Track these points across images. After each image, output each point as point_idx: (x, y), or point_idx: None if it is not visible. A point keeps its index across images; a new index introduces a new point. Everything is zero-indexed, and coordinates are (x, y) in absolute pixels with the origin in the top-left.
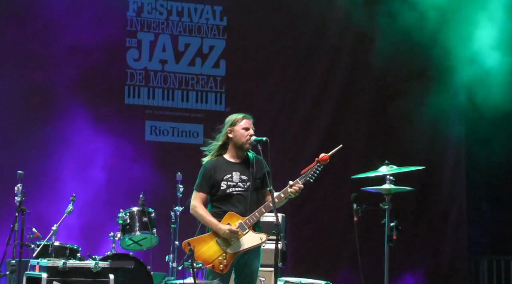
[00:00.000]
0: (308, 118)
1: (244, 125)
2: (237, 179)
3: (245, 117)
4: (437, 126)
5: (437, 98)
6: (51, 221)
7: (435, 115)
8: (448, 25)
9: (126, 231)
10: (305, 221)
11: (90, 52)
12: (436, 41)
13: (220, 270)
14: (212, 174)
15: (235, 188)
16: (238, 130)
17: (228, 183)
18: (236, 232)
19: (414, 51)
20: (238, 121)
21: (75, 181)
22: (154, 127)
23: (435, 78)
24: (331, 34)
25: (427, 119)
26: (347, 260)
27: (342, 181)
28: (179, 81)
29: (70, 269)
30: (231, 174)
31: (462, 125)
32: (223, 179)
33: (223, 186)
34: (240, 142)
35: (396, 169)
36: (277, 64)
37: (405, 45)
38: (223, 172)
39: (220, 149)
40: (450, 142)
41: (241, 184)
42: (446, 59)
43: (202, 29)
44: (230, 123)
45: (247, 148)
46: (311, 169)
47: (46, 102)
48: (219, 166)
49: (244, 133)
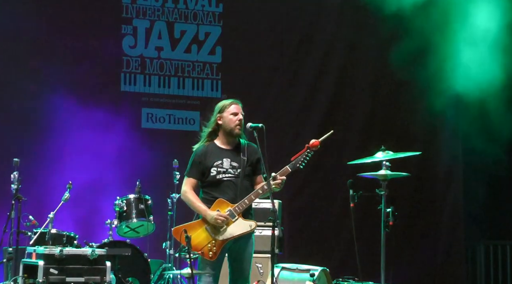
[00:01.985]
0: (305, 105)
1: (232, 110)
2: (228, 166)
3: (233, 102)
4: (433, 111)
5: (433, 85)
6: (48, 209)
7: (432, 101)
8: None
9: (123, 218)
10: (302, 207)
11: (86, 39)
12: (435, 26)
13: (209, 257)
14: (202, 159)
15: (225, 174)
16: (226, 116)
17: (218, 169)
18: (225, 217)
19: (412, 35)
20: (226, 107)
21: (71, 168)
22: (150, 114)
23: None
24: (327, 21)
25: (424, 105)
26: (343, 246)
27: (339, 167)
28: (175, 68)
29: (66, 257)
30: (221, 161)
31: (459, 110)
32: (213, 165)
33: (213, 172)
34: (229, 127)
35: (392, 155)
36: (273, 51)
37: (402, 31)
38: (213, 158)
39: (210, 136)
40: (446, 127)
41: (231, 170)
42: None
43: (198, 16)
44: (219, 110)
45: (237, 133)
46: (301, 155)
47: (42, 89)
48: (209, 152)
49: (232, 118)
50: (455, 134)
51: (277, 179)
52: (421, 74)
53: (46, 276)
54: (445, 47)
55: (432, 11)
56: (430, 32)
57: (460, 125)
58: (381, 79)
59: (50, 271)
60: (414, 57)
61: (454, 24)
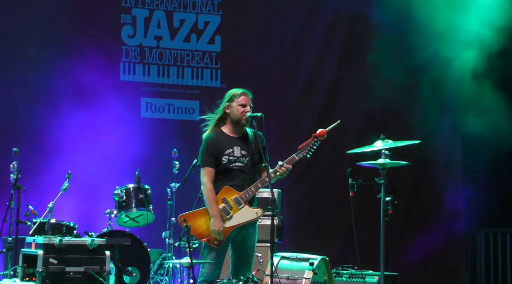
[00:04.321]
0: (304, 94)
1: (241, 101)
2: (238, 154)
3: (244, 93)
4: (433, 98)
5: (432, 73)
6: (47, 198)
7: (431, 89)
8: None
9: (122, 208)
10: (301, 196)
11: (85, 29)
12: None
13: (215, 244)
14: (215, 147)
15: (236, 163)
16: (235, 106)
17: (230, 157)
18: (220, 235)
19: (411, 26)
20: (236, 96)
21: (70, 158)
22: (149, 104)
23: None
24: (326, 9)
25: (423, 93)
26: (343, 234)
27: (338, 156)
28: (175, 57)
29: (66, 246)
30: (232, 149)
31: (458, 98)
32: (225, 153)
33: (224, 160)
34: (236, 118)
35: (391, 143)
36: (272, 39)
37: (402, 20)
38: (224, 146)
39: (218, 122)
40: (446, 114)
41: (242, 159)
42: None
43: (197, 5)
44: (228, 98)
45: (244, 124)
46: (308, 144)
47: (41, 79)
48: (220, 140)
49: (240, 109)
50: (455, 122)
51: (283, 166)
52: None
53: (46, 266)
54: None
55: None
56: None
57: (460, 113)
58: (381, 68)
59: (50, 261)
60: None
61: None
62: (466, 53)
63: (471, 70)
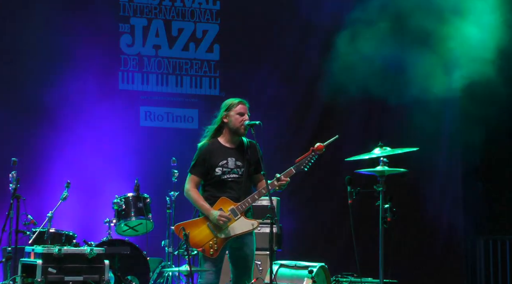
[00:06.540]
0: (303, 102)
1: (239, 110)
2: (232, 165)
3: (241, 102)
4: (431, 107)
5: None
6: (46, 208)
7: (430, 97)
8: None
9: (121, 216)
10: (300, 204)
11: (83, 38)
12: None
13: (210, 255)
14: (207, 158)
15: (230, 174)
16: (233, 115)
17: (224, 169)
18: (226, 217)
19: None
20: (233, 106)
21: (70, 167)
22: (148, 112)
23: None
24: (325, 18)
25: (422, 101)
26: (342, 242)
27: (337, 164)
28: (173, 66)
29: (65, 256)
30: (226, 160)
31: (456, 106)
32: (218, 164)
33: (218, 172)
34: (235, 127)
35: (390, 151)
36: (271, 48)
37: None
38: (218, 157)
39: (215, 132)
40: (445, 122)
41: (236, 170)
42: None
43: (195, 14)
44: (226, 108)
45: (242, 133)
46: (306, 158)
47: (40, 88)
48: (214, 150)
49: (238, 118)
50: (454, 129)
51: (281, 180)
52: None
53: (45, 275)
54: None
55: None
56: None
57: (459, 120)
58: (379, 75)
59: (49, 270)
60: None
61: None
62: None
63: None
